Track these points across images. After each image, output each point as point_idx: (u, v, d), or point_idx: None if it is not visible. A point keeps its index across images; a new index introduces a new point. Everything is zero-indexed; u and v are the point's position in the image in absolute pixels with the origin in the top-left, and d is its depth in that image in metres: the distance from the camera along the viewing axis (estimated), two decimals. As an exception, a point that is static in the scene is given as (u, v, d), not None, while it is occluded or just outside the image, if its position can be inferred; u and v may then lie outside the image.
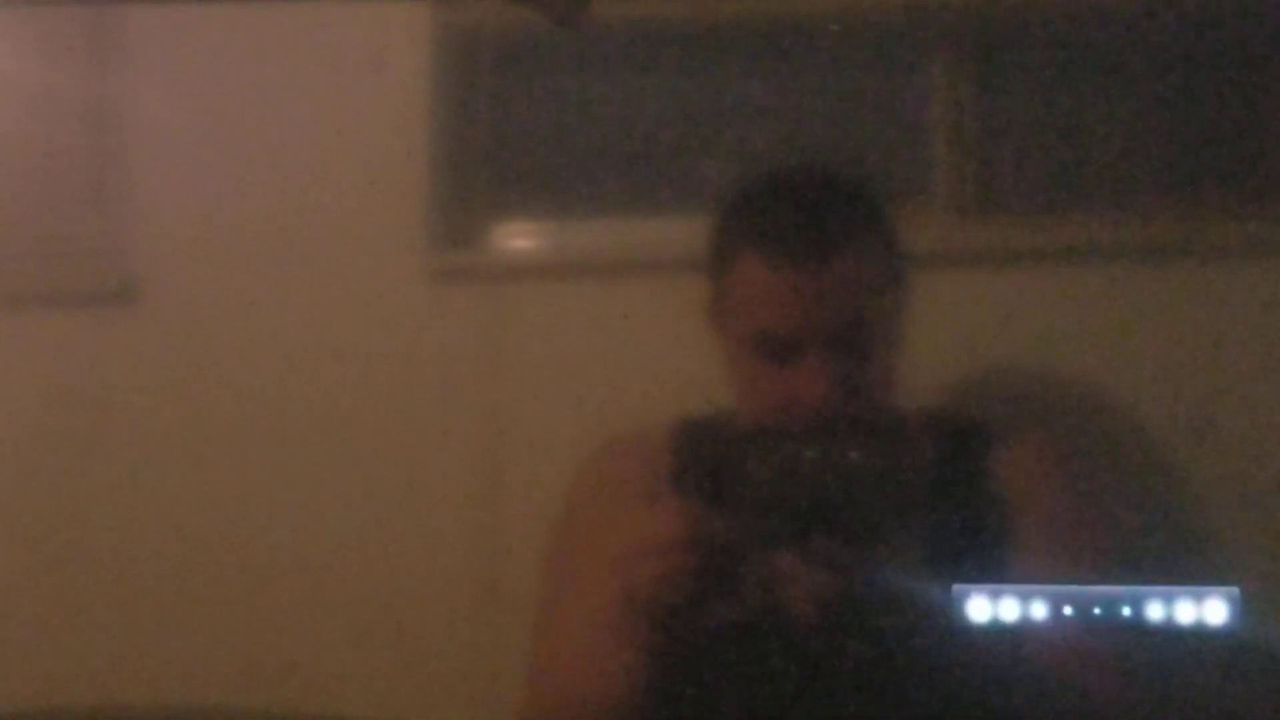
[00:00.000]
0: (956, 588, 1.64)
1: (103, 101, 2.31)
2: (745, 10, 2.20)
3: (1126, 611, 1.73)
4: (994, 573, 1.71)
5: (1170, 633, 1.94)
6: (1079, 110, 2.14)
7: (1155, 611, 1.75)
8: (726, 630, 1.61)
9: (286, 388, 2.23)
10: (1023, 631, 1.68)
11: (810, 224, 1.73)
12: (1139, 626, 1.80)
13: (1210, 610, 1.78)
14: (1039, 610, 1.69)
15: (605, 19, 2.14)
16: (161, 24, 2.28)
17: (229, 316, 2.27)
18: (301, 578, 2.23)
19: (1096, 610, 1.71)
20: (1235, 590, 1.78)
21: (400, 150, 2.22)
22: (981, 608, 1.66)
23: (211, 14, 2.25)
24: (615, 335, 2.15)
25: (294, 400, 2.23)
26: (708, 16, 2.20)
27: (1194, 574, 2.01)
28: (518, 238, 2.27)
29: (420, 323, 2.21)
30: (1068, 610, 1.70)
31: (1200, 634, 1.96)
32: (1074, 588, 1.71)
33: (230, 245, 2.27)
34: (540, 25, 2.17)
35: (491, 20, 2.24)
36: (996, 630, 1.64)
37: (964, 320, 2.05)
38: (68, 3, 2.32)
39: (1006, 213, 2.15)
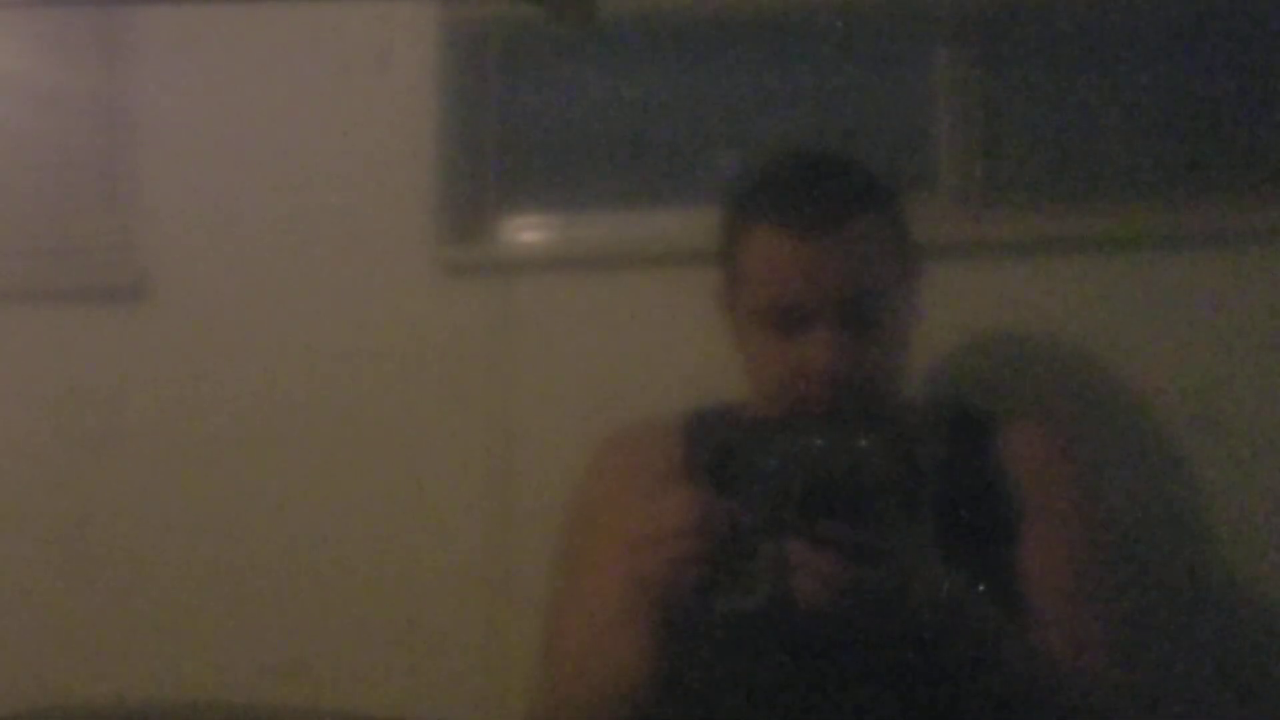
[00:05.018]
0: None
1: (112, 100, 2.32)
2: (750, 3, 2.21)
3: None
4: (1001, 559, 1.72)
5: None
6: (1083, 101, 2.15)
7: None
8: (736, 616, 1.61)
9: (297, 382, 2.24)
10: (1030, 620, 1.69)
11: (819, 196, 1.73)
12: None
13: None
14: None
15: (611, 14, 2.14)
16: (171, 24, 2.29)
17: (239, 311, 2.28)
18: (313, 571, 2.23)
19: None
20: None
21: (408, 146, 2.23)
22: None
23: (220, 14, 2.26)
24: (624, 327, 2.16)
25: (305, 394, 2.24)
26: (712, 10, 2.21)
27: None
28: (526, 231, 2.28)
29: (430, 316, 2.22)
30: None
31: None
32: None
33: (240, 241, 2.28)
34: (546, 20, 2.18)
35: (497, 16, 2.26)
36: (1003, 616, 1.65)
37: (970, 309, 2.06)
38: (78, 3, 2.33)
39: (1011, 203, 2.15)
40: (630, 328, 2.15)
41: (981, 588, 1.66)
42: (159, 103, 2.30)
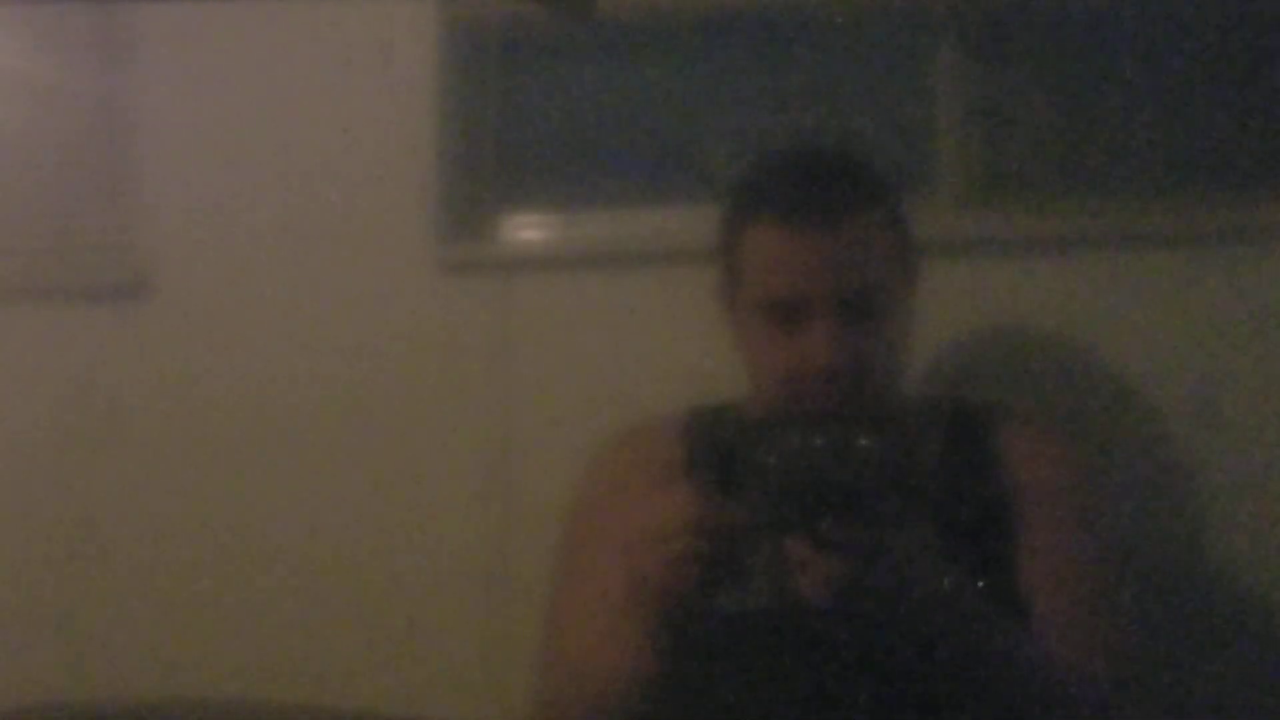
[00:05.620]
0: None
1: (113, 98, 2.33)
2: (750, 1, 2.21)
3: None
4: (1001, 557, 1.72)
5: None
6: (1083, 100, 2.15)
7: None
8: (737, 616, 1.62)
9: (297, 379, 2.24)
10: (1030, 618, 1.69)
11: (818, 190, 1.73)
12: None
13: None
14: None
15: (611, 12, 2.15)
16: (171, 21, 2.29)
17: (239, 309, 2.28)
18: (312, 570, 2.24)
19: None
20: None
21: (408, 143, 2.23)
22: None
23: (220, 11, 2.26)
24: (624, 325, 2.15)
25: (304, 392, 2.24)
26: (712, 8, 2.21)
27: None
28: (526, 229, 2.28)
29: (429, 314, 2.22)
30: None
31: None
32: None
33: (240, 239, 2.28)
34: (546, 18, 2.18)
35: (497, 14, 2.26)
36: (1003, 614, 1.65)
37: (970, 307, 2.06)
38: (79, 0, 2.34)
39: (1011, 203, 2.15)
40: (630, 326, 2.15)
41: (981, 585, 1.66)
42: (159, 100, 2.30)
